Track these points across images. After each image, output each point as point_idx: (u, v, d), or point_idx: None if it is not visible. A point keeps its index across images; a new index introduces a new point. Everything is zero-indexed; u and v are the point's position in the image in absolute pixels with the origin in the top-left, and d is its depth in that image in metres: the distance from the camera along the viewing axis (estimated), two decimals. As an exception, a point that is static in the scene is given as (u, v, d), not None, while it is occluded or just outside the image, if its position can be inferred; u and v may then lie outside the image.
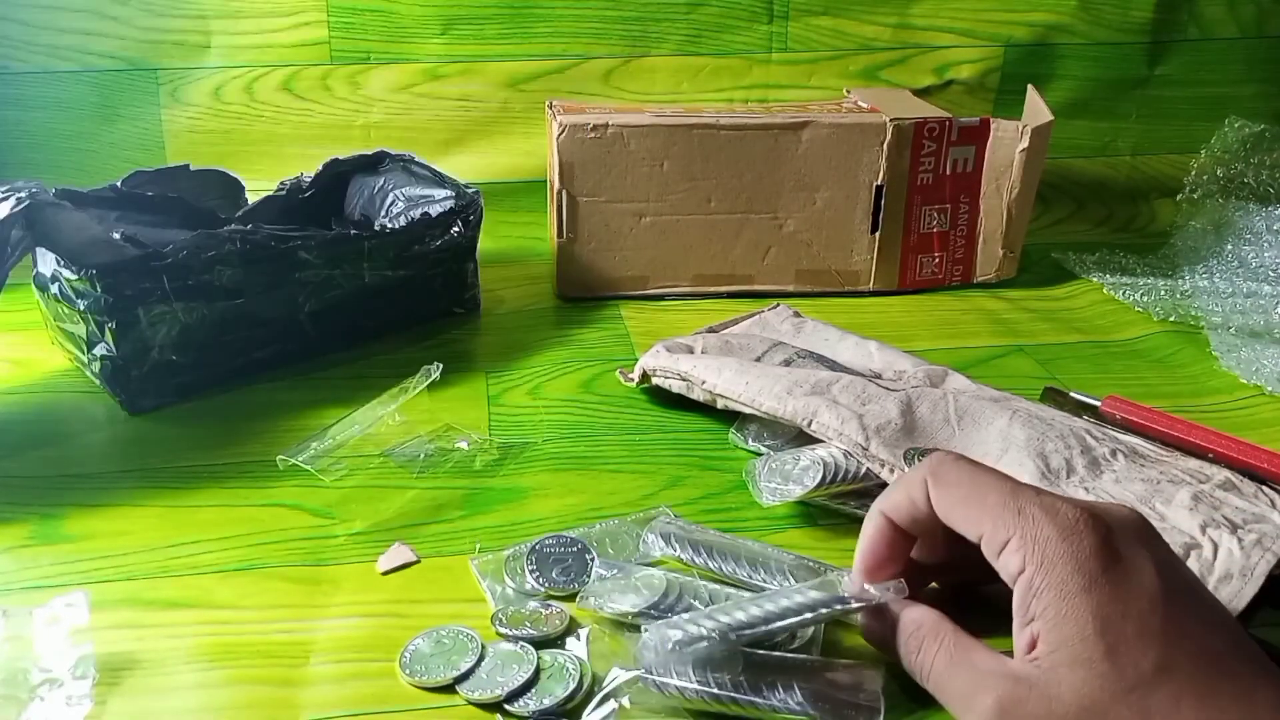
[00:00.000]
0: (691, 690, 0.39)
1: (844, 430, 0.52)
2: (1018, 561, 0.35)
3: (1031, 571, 0.35)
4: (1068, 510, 0.36)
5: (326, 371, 0.65)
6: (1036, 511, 0.36)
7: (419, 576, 0.47)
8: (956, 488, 0.38)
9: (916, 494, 0.39)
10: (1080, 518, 0.35)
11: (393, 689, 0.41)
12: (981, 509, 0.37)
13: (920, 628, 0.38)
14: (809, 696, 0.39)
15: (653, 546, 0.47)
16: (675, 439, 0.58)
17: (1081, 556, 0.34)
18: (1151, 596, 0.34)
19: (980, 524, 0.36)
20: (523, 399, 0.63)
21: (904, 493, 0.39)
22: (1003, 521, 0.36)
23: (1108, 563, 0.34)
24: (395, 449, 0.56)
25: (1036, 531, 0.35)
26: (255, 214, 0.68)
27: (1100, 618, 0.33)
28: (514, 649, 0.42)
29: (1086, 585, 0.34)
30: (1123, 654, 0.33)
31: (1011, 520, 0.36)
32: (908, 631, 0.39)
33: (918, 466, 0.39)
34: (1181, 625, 0.33)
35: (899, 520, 0.40)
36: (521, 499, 0.53)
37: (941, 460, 0.39)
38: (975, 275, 0.79)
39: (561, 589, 0.45)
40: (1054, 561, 0.34)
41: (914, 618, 0.39)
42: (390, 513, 0.51)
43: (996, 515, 0.36)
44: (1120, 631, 0.33)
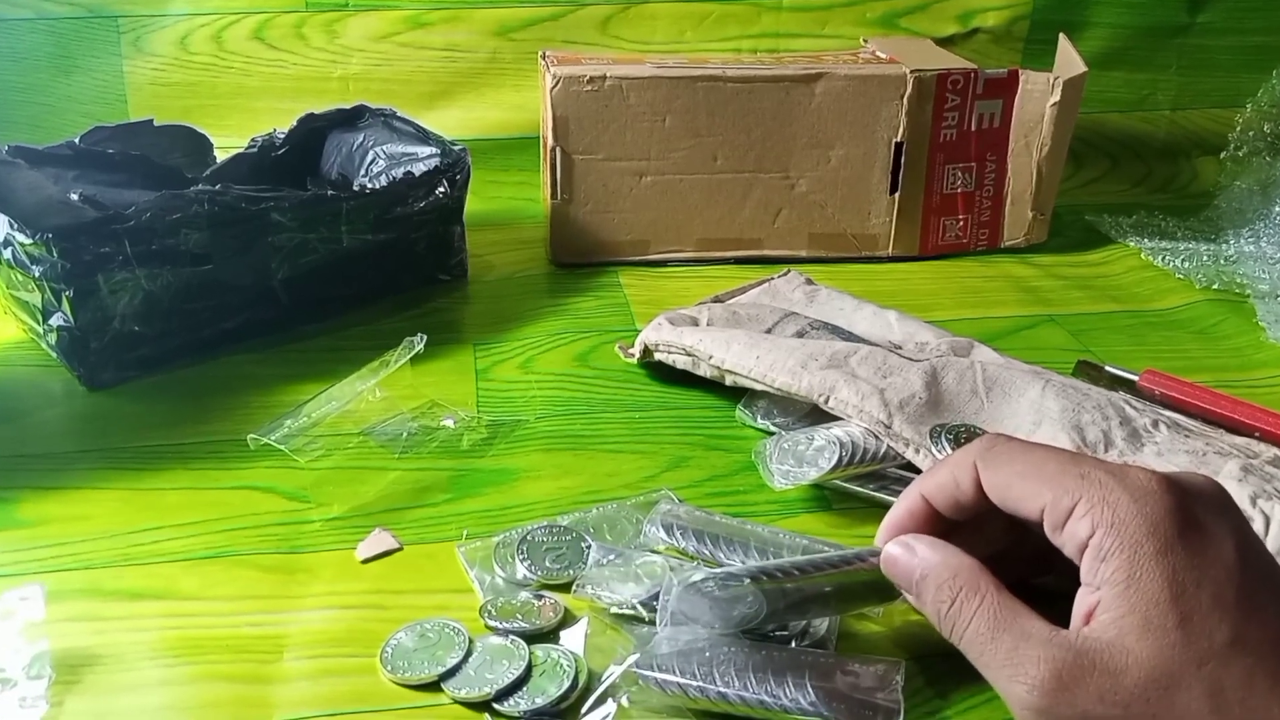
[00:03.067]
0: (695, 688, 0.38)
1: (864, 406, 0.52)
2: (1086, 526, 0.34)
3: (1101, 534, 0.34)
4: (1138, 474, 0.35)
5: (301, 343, 0.64)
6: (1103, 475, 0.35)
7: (401, 565, 0.47)
8: (1010, 464, 0.37)
9: (963, 476, 0.38)
10: (1153, 480, 0.35)
11: (373, 686, 0.40)
12: (1040, 480, 0.36)
13: (956, 577, 0.37)
14: (822, 696, 0.38)
15: (653, 538, 0.47)
16: (678, 416, 0.58)
17: (1156, 518, 0.34)
18: (1229, 567, 0.33)
19: (1040, 495, 0.36)
20: (513, 373, 0.62)
21: (949, 474, 0.39)
22: (1066, 487, 0.35)
23: (1184, 527, 0.34)
24: (375, 427, 0.56)
25: (1105, 494, 0.34)
26: (224, 173, 0.68)
27: (1175, 584, 0.33)
28: (504, 643, 0.41)
29: (1162, 549, 0.33)
30: (1196, 624, 0.32)
31: (1076, 485, 0.35)
32: (940, 579, 0.37)
33: (966, 448, 0.39)
34: (1257, 600, 0.33)
35: (939, 504, 0.39)
36: (512, 481, 0.53)
37: (992, 441, 0.38)
38: (1002, 239, 0.79)
39: (555, 578, 0.45)
40: (1126, 522, 0.34)
41: (950, 564, 0.37)
42: (370, 496, 0.51)
43: (1058, 482, 0.35)
44: (1195, 600, 0.33)
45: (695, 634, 0.39)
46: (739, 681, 0.39)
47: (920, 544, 0.39)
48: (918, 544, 0.39)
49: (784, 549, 0.46)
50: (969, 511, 0.39)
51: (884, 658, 0.41)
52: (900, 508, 0.40)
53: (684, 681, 0.39)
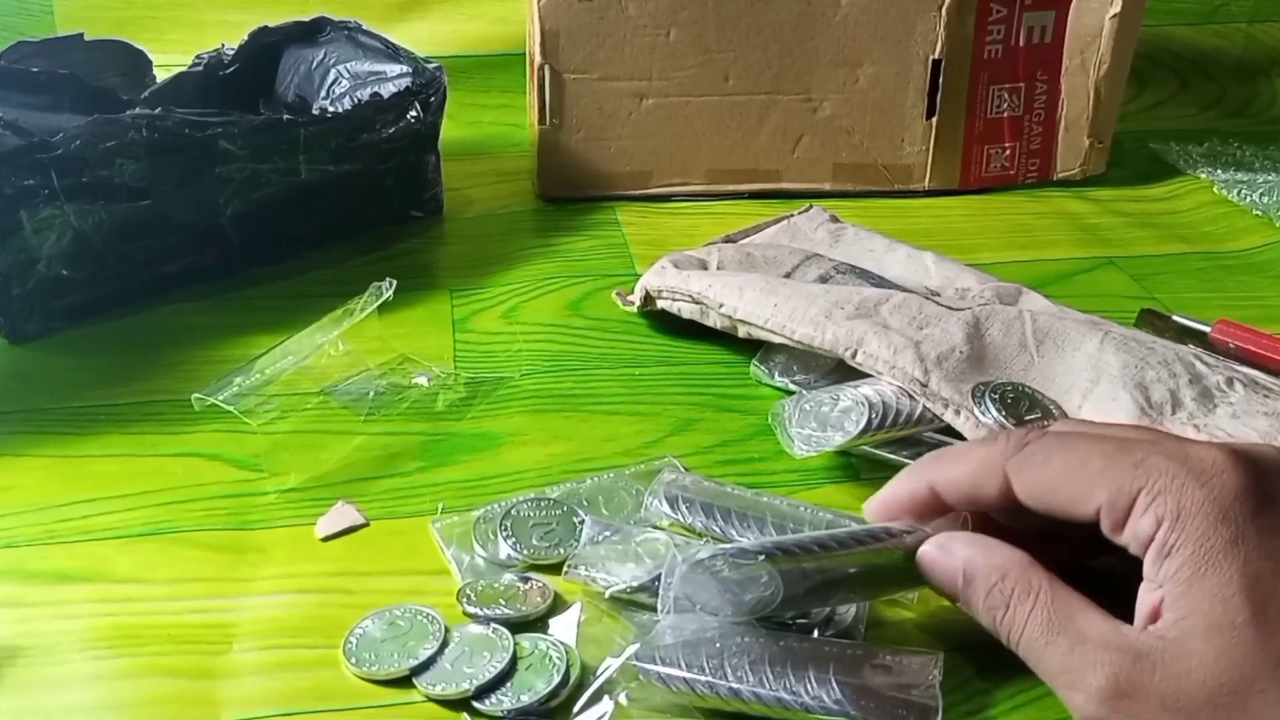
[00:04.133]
0: (703, 684, 0.38)
1: (897, 362, 0.51)
2: (1149, 523, 0.34)
3: (1165, 529, 0.34)
4: (1202, 451, 0.34)
5: (254, 289, 0.64)
6: (1161, 460, 0.34)
7: (367, 543, 0.47)
8: (1048, 465, 0.37)
9: (988, 482, 0.38)
10: (1221, 458, 0.34)
11: (335, 682, 0.40)
12: (1089, 478, 0.35)
13: (1006, 577, 0.36)
14: (849, 693, 0.38)
15: (655, 513, 0.47)
16: (684, 373, 0.58)
17: (1225, 502, 0.33)
18: None
19: (1092, 495, 0.35)
20: (496, 324, 0.62)
21: (966, 472, 0.38)
22: (1120, 482, 0.35)
23: (1258, 510, 0.33)
24: (338, 386, 0.56)
25: (1167, 482, 0.34)
26: (165, 95, 0.68)
27: (1247, 575, 0.32)
28: (485, 633, 0.41)
29: (1233, 537, 0.33)
30: (1273, 619, 0.32)
31: (1130, 477, 0.35)
32: (989, 581, 0.37)
33: (987, 448, 0.38)
34: None
35: (950, 500, 0.39)
36: (494, 447, 0.52)
37: (1021, 440, 0.38)
38: (1055, 171, 0.78)
39: (544, 558, 0.45)
40: (1191, 513, 0.33)
41: (997, 563, 0.37)
42: (332, 464, 0.51)
43: (1110, 478, 0.35)
44: (1272, 592, 0.32)
45: (703, 622, 0.39)
46: (753, 676, 0.38)
47: (958, 543, 0.38)
48: (955, 544, 0.38)
49: (804, 524, 0.45)
50: (988, 510, 0.38)
51: (919, 649, 0.40)
52: (901, 490, 0.40)
53: (691, 676, 0.38)
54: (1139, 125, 0.87)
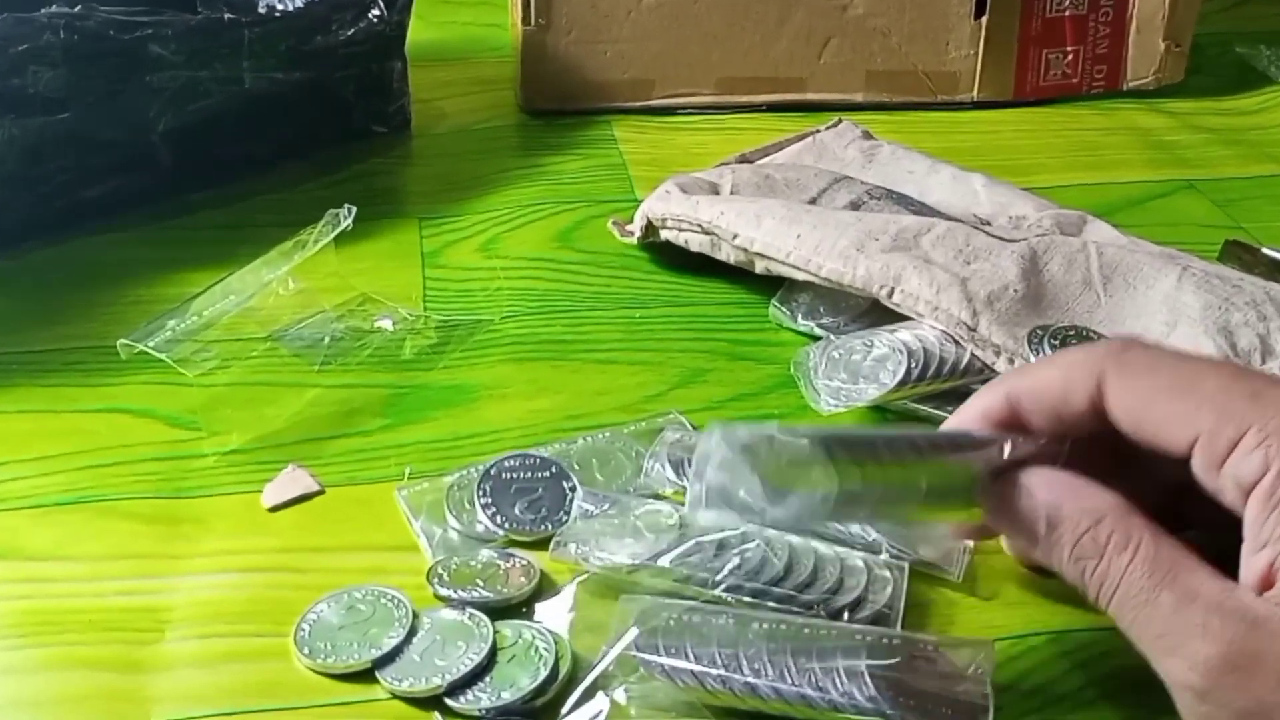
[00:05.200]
0: (715, 678, 0.38)
1: (940, 302, 0.51)
2: (1257, 463, 0.33)
3: (1276, 473, 0.33)
4: None
5: (190, 218, 0.64)
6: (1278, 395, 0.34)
7: (322, 514, 0.47)
8: (1153, 374, 0.36)
9: (1079, 383, 0.37)
10: None
11: (284, 676, 0.40)
12: (1196, 399, 0.35)
13: (1100, 524, 0.35)
14: (885, 688, 0.37)
15: (658, 479, 0.47)
16: (692, 316, 0.58)
17: None
18: None
19: (1194, 419, 0.35)
20: (472, 257, 0.62)
21: (1058, 376, 0.37)
22: (1231, 412, 0.34)
23: None
24: (288, 330, 0.55)
25: None
26: None
27: None
28: (459, 619, 0.41)
29: None
30: None
31: (1245, 408, 0.34)
32: (1078, 528, 0.36)
33: (1087, 348, 0.38)
34: None
35: (1031, 413, 0.38)
36: (470, 402, 0.52)
37: (1127, 343, 0.37)
38: (1125, 79, 0.78)
39: (528, 532, 0.45)
40: None
41: (1089, 506, 0.36)
42: (281, 422, 0.51)
43: (1220, 404, 0.34)
44: None
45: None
46: (772, 669, 0.38)
47: (1040, 480, 0.37)
48: (1037, 481, 0.37)
49: None
50: (1071, 431, 0.38)
51: (967, 637, 0.40)
52: (970, 409, 0.39)
53: (700, 669, 0.38)
54: (1223, 26, 0.86)
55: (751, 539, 0.43)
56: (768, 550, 0.42)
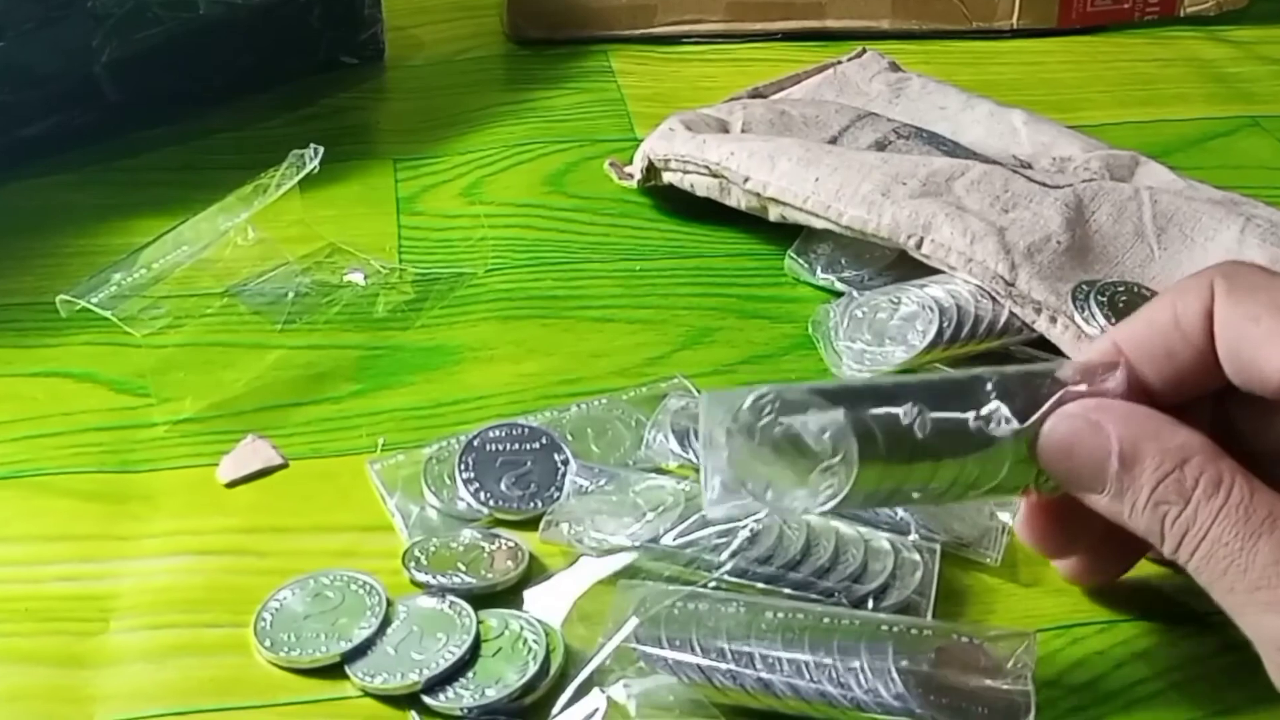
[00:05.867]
0: (724, 673, 0.38)
1: (975, 253, 0.51)
2: None
3: None
4: None
5: (137, 159, 0.64)
6: None
7: (286, 490, 0.47)
8: (1269, 290, 0.35)
9: (1190, 304, 0.36)
10: None
11: (243, 671, 0.40)
12: None
13: (1187, 464, 0.35)
14: (914, 685, 0.37)
15: (660, 451, 0.46)
16: (699, 269, 0.58)
17: None
18: None
19: None
20: (453, 203, 0.62)
21: (1167, 308, 0.37)
22: None
23: None
24: (247, 285, 0.55)
25: None
26: None
27: None
28: (439, 608, 0.41)
29: None
30: None
31: None
32: (1160, 468, 0.35)
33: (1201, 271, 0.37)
34: None
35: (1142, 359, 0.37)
36: (451, 365, 0.52)
37: (1237, 264, 0.37)
38: (1183, 5, 0.77)
39: (516, 510, 0.45)
40: None
41: (1173, 445, 0.35)
42: (239, 388, 0.51)
43: None
44: None
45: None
46: (788, 663, 0.38)
47: (1113, 415, 0.36)
48: (1108, 415, 0.36)
49: None
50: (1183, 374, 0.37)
51: (1007, 627, 0.40)
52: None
53: (708, 663, 0.38)
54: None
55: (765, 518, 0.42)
56: (784, 530, 0.42)
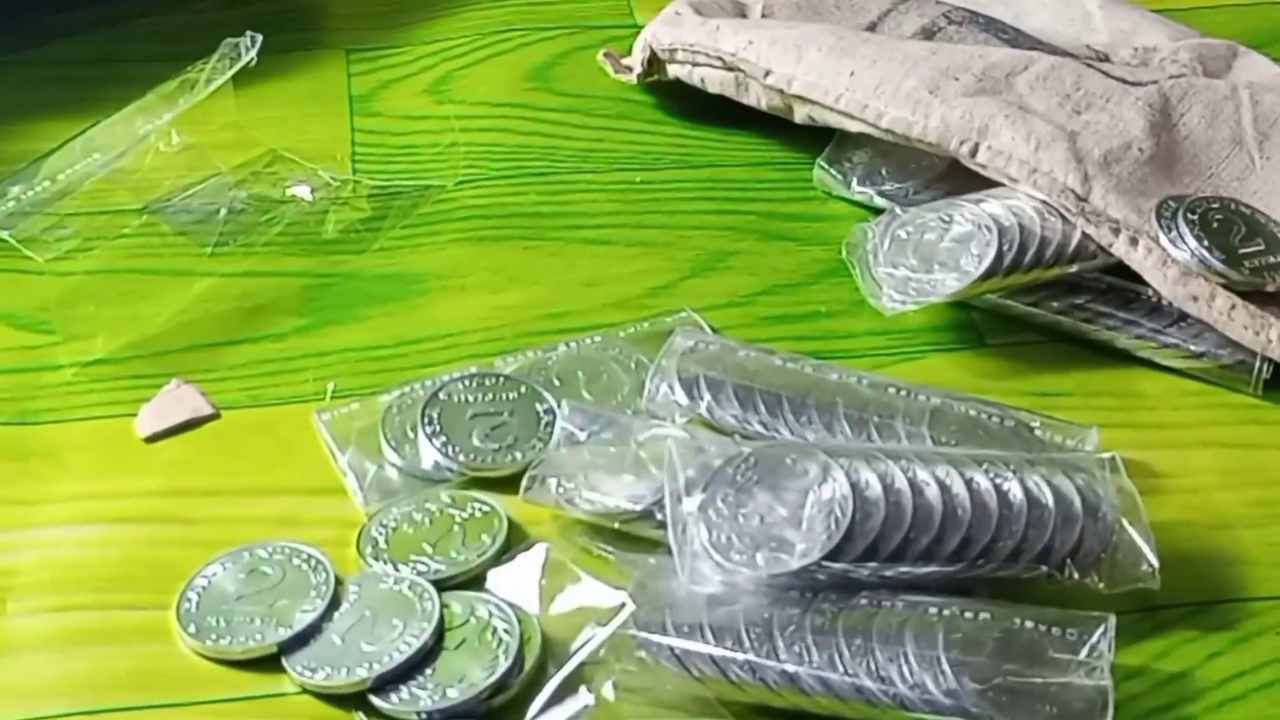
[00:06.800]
0: (741, 664, 0.37)
1: (1040, 163, 0.51)
2: None
3: None
4: None
5: (41, 49, 0.64)
6: None
7: (217, 445, 0.47)
8: None
9: None
10: None
11: (163, 662, 0.40)
12: None
13: None
14: (968, 678, 0.37)
15: (664, 400, 0.46)
16: (711, 181, 0.58)
17: None
18: None
19: None
20: (417, 102, 0.62)
21: None
22: None
23: None
24: (171, 200, 0.55)
25: None
26: None
27: None
28: (395, 590, 0.41)
29: None
30: None
31: None
32: None
33: None
34: None
35: None
36: (415, 296, 0.52)
37: None
38: None
39: (492, 465, 0.45)
40: None
41: None
42: (162, 323, 0.51)
43: None
44: None
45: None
46: (819, 652, 0.38)
47: None
48: None
49: (898, 417, 0.45)
50: None
51: (1077, 611, 0.39)
52: None
53: (722, 653, 0.37)
54: None
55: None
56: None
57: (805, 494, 0.39)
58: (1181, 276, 0.48)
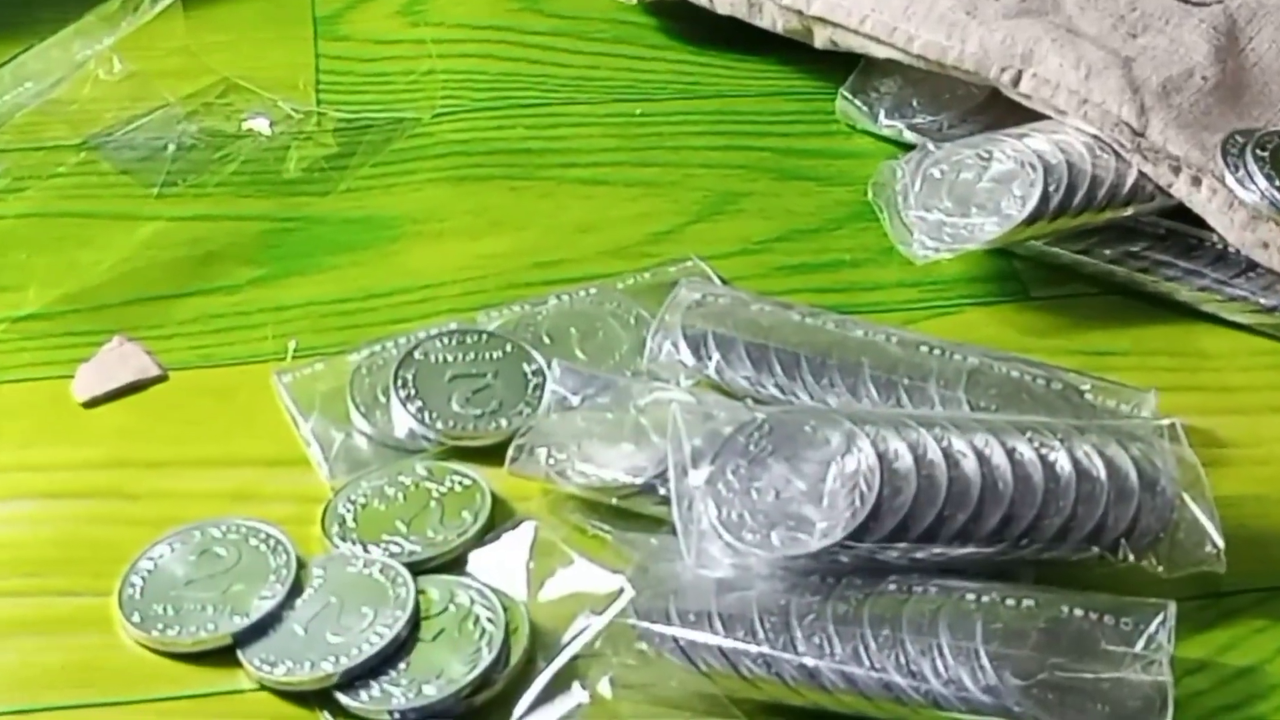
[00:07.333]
0: (755, 658, 0.37)
1: (1091, 92, 0.51)
2: None
3: None
4: None
5: None
6: None
7: (164, 412, 0.47)
8: None
9: None
10: None
11: (104, 655, 0.39)
12: None
13: None
14: (1012, 674, 0.37)
15: (667, 360, 0.46)
16: (721, 113, 0.58)
17: None
18: None
19: None
20: (389, 25, 0.63)
21: None
22: None
23: None
24: (113, 135, 0.55)
25: None
26: None
27: None
28: (365, 574, 0.40)
29: None
30: None
31: None
32: None
33: None
34: None
35: None
36: (387, 243, 0.53)
37: None
38: None
39: (473, 433, 0.45)
40: None
41: None
42: (102, 274, 0.51)
43: None
44: None
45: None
46: (842, 644, 0.38)
47: None
48: None
49: (930, 379, 0.45)
50: None
51: (1132, 598, 0.39)
52: None
53: (734, 645, 0.38)
54: None
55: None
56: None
57: (826, 466, 0.39)
58: (1250, 220, 0.48)
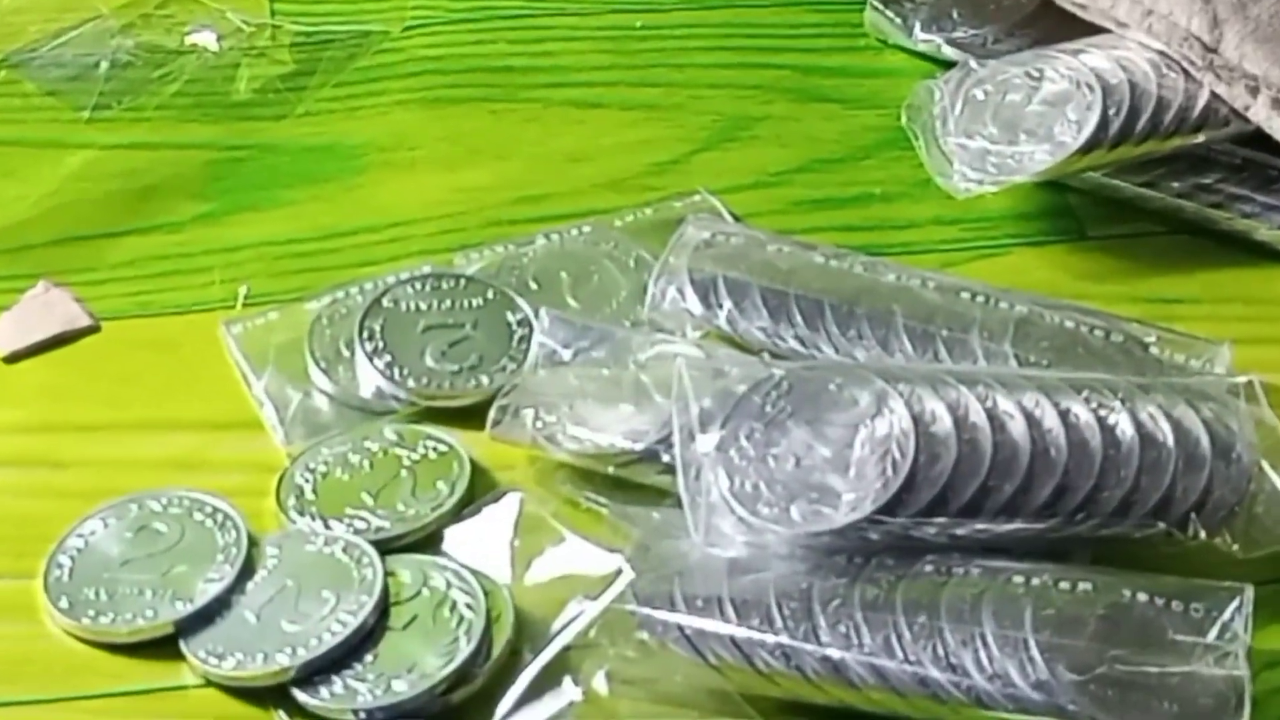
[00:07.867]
0: (772, 649, 0.37)
1: (1157, 2, 0.52)
2: None
3: None
4: None
5: None
6: None
7: (97, 368, 0.47)
8: None
9: None
10: None
11: (28, 645, 0.40)
12: None
13: None
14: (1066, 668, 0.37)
15: (671, 308, 0.47)
16: (732, 25, 0.60)
17: None
18: None
19: None
20: None
21: None
22: None
23: None
24: (38, 51, 0.56)
25: None
26: None
27: None
28: (326, 554, 0.41)
29: None
30: None
31: None
32: None
33: None
34: None
35: None
36: (351, 174, 0.54)
37: None
38: None
39: (449, 393, 0.45)
40: None
41: None
42: (25, 209, 0.52)
43: None
44: None
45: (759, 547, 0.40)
46: (871, 634, 0.38)
47: None
48: None
49: (973, 329, 0.46)
50: None
51: (1204, 581, 0.39)
52: None
53: (748, 634, 0.38)
54: None
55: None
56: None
57: (854, 430, 0.39)
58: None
